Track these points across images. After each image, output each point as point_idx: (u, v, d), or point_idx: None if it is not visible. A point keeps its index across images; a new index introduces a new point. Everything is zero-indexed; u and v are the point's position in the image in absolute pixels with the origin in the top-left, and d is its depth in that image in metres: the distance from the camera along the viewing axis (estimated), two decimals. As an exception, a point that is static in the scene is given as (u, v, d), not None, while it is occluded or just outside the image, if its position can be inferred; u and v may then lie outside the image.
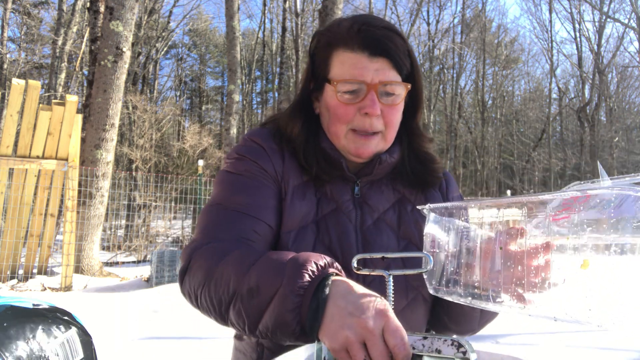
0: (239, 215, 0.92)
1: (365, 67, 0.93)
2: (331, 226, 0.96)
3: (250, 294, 0.72)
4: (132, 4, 7.10)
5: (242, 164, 0.98)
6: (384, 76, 0.94)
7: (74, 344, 0.75)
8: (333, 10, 7.45)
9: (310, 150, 0.99)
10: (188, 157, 14.89)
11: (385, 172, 1.02)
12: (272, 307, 0.69)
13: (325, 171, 0.98)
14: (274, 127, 1.05)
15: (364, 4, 22.95)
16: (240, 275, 0.75)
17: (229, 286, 0.75)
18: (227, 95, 13.55)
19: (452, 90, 25.69)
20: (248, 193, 0.94)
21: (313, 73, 1.03)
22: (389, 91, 0.95)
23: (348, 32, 0.95)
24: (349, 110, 0.95)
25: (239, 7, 12.01)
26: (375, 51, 0.94)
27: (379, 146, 0.98)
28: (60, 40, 16.04)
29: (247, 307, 0.73)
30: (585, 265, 0.55)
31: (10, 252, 5.96)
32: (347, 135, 0.97)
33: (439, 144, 26.93)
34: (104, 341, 3.52)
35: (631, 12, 20.42)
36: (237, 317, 0.74)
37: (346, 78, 0.94)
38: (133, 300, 5.03)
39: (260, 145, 1.00)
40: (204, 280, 0.80)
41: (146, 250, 9.55)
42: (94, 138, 6.85)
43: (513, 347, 3.61)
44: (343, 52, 0.96)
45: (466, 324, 1.02)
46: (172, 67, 29.15)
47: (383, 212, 1.01)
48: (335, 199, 0.99)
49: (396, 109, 0.97)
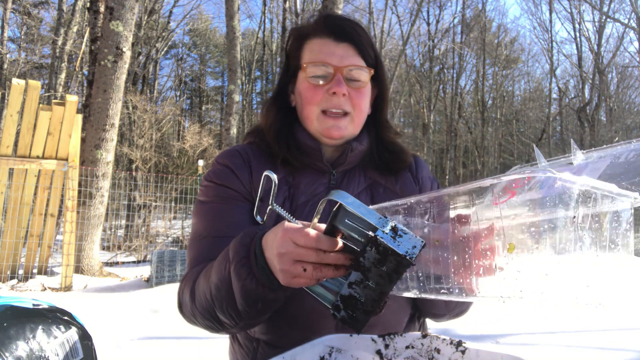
0: (215, 240, 1.01)
1: (332, 51, 1.03)
2: (304, 216, 1.03)
3: (217, 289, 0.85)
4: (132, 4, 7.10)
5: (211, 190, 1.07)
6: (350, 60, 1.03)
7: (74, 344, 0.75)
8: (333, 10, 7.45)
9: (282, 137, 1.08)
10: (188, 157, 14.88)
11: (357, 159, 1.11)
12: (235, 287, 0.80)
13: (295, 157, 1.06)
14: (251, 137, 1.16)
15: (364, 4, 22.95)
16: (207, 283, 0.88)
17: (205, 297, 0.88)
18: (227, 95, 13.55)
19: (452, 90, 25.68)
20: (219, 218, 1.04)
21: (288, 67, 1.12)
22: (355, 76, 1.03)
23: (315, 23, 1.06)
24: (318, 91, 1.03)
25: (239, 7, 12.01)
26: (340, 36, 1.03)
27: (348, 128, 1.05)
28: (60, 40, 16.03)
29: (221, 301, 0.84)
30: (511, 249, 0.56)
31: (10, 252, 5.96)
32: (319, 117, 1.05)
33: (439, 144, 26.94)
34: (104, 341, 3.52)
35: (631, 12, 20.41)
36: (224, 315, 0.86)
37: (314, 60, 1.03)
38: (133, 300, 5.03)
39: (226, 165, 1.08)
40: (191, 305, 0.93)
41: (146, 250, 9.55)
42: (94, 138, 6.85)
43: (513, 347, 3.61)
44: (311, 40, 1.06)
45: (433, 309, 1.07)
46: (172, 67, 29.18)
47: (356, 195, 1.08)
48: (308, 191, 1.06)
49: (362, 92, 1.05)
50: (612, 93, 25.18)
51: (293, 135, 1.08)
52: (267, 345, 1.02)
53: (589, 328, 4.11)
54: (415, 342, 0.74)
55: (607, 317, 4.41)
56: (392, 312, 1.03)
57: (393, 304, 1.02)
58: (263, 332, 1.02)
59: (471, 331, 3.82)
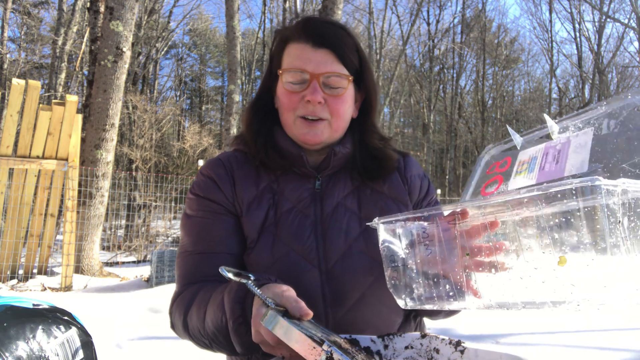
0: (202, 257, 1.03)
1: (309, 57, 1.00)
2: (288, 224, 1.02)
3: (214, 335, 0.88)
4: (132, 4, 7.10)
5: (195, 204, 1.08)
6: (327, 67, 1.00)
7: (74, 344, 0.75)
8: (333, 10, 7.45)
9: (261, 140, 1.07)
10: (188, 157, 14.87)
11: (341, 163, 1.09)
12: (235, 341, 0.83)
13: (273, 160, 1.06)
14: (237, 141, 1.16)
15: (364, 4, 22.95)
16: (201, 322, 0.91)
17: (200, 333, 0.92)
18: (227, 95, 13.55)
19: (452, 90, 25.68)
20: (204, 234, 1.05)
21: (271, 70, 1.11)
22: (332, 83, 1.01)
23: (296, 27, 1.04)
24: (294, 98, 1.02)
25: (239, 7, 12.01)
26: (318, 42, 1.01)
27: (325, 134, 1.04)
28: (60, 40, 16.02)
29: (219, 345, 0.89)
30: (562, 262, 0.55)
31: (10, 252, 5.96)
32: (296, 122, 1.03)
33: (439, 144, 26.93)
34: (104, 341, 3.52)
35: (631, 12, 20.40)
36: (222, 351, 0.92)
37: (291, 67, 1.01)
38: (133, 300, 5.02)
39: (209, 176, 1.08)
40: (184, 332, 0.99)
41: (146, 250, 9.55)
42: (94, 138, 6.85)
43: (513, 347, 3.61)
44: (291, 45, 1.04)
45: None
46: (172, 67, 29.17)
47: (342, 198, 1.07)
48: (293, 197, 1.05)
49: (341, 99, 1.02)
50: (612, 93, 25.17)
51: (272, 139, 1.07)
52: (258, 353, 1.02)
53: (589, 328, 4.11)
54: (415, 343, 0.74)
55: (607, 317, 4.41)
56: (383, 317, 1.02)
57: (383, 309, 1.01)
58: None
59: (471, 331, 3.82)
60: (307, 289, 0.96)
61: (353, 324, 0.98)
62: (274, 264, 0.99)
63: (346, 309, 0.98)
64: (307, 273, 0.98)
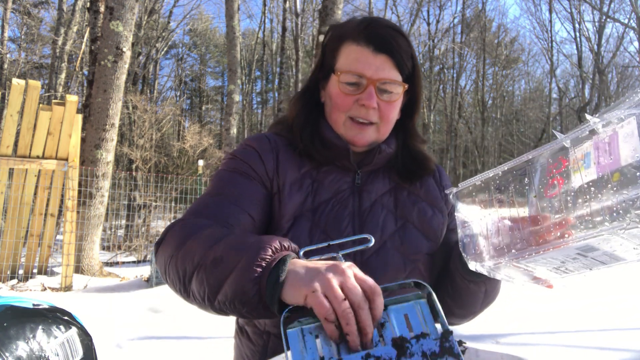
0: (225, 203, 0.98)
1: (368, 62, 1.00)
2: (326, 212, 1.02)
3: (213, 263, 0.75)
4: (132, 4, 7.10)
5: (233, 162, 1.06)
6: (385, 74, 1.01)
7: (74, 344, 0.75)
8: (333, 10, 7.45)
9: (307, 131, 1.07)
10: (188, 157, 14.86)
11: (383, 162, 1.10)
12: (233, 276, 0.72)
13: (318, 152, 1.06)
14: (278, 127, 1.15)
15: (364, 4, 22.95)
16: (207, 247, 0.78)
17: (194, 258, 0.79)
18: (227, 95, 13.55)
19: (452, 90, 25.69)
20: (236, 186, 1.01)
21: (322, 63, 1.10)
22: (387, 89, 1.02)
23: (357, 27, 1.03)
24: (348, 100, 1.02)
25: (239, 7, 12.01)
26: (379, 47, 1.01)
27: (372, 136, 1.05)
28: (60, 40, 16.02)
29: (209, 275, 0.75)
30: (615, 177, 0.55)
31: (10, 252, 5.96)
32: (345, 122, 1.04)
33: (439, 144, 26.93)
34: (104, 341, 3.52)
35: (631, 12, 20.41)
36: (199, 286, 0.76)
37: (349, 69, 1.01)
38: (133, 300, 5.02)
39: (253, 147, 1.07)
40: (173, 252, 0.84)
41: (146, 250, 9.54)
42: (94, 138, 6.85)
43: (513, 347, 3.62)
44: (350, 45, 1.03)
45: (470, 306, 1.07)
46: (172, 67, 29.19)
47: (380, 196, 1.08)
48: (332, 188, 1.05)
49: (393, 105, 1.04)
50: (612, 93, 25.18)
51: (318, 130, 1.07)
52: (277, 338, 1.01)
53: (589, 328, 4.11)
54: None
55: (607, 317, 4.42)
56: None
57: None
58: (276, 326, 1.02)
59: (471, 331, 3.82)
60: None
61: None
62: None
63: None
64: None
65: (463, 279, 1.00)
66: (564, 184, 0.62)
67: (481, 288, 1.01)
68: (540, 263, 0.70)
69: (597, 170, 0.56)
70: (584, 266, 0.68)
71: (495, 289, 1.04)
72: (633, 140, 0.54)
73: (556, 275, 0.73)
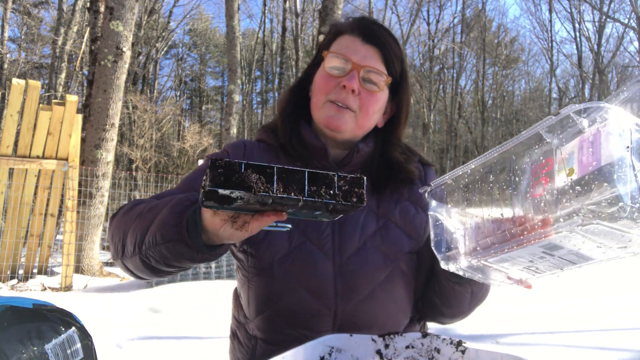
0: (177, 192, 1.00)
1: (356, 49, 1.03)
2: None
3: (140, 217, 0.85)
4: (132, 4, 7.10)
5: (204, 164, 1.11)
6: (370, 62, 1.03)
7: (74, 344, 0.75)
8: (333, 10, 7.44)
9: (290, 124, 1.09)
10: (188, 157, 14.88)
11: (362, 161, 1.10)
12: (157, 219, 0.80)
13: (295, 149, 1.07)
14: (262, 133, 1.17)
15: (364, 4, 22.95)
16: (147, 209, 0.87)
17: (133, 217, 0.88)
18: (227, 95, 13.55)
19: (452, 90, 25.70)
20: (198, 181, 1.03)
21: (316, 57, 1.13)
22: (371, 78, 1.03)
23: (352, 22, 1.08)
24: (331, 82, 1.03)
25: (239, 7, 12.01)
26: (368, 39, 1.04)
27: (349, 124, 1.03)
28: (60, 40, 16.03)
29: (136, 226, 0.84)
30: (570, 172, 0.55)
31: (10, 252, 5.96)
32: (325, 105, 1.04)
33: (439, 144, 26.94)
34: (104, 341, 3.52)
35: (631, 12, 20.41)
36: (131, 238, 0.85)
37: (336, 52, 1.04)
38: (133, 300, 5.02)
39: (227, 152, 1.11)
40: (117, 222, 0.93)
41: (146, 250, 9.53)
42: (94, 138, 6.85)
43: (513, 347, 3.62)
44: (343, 36, 1.07)
45: (457, 306, 1.06)
46: (172, 67, 29.21)
47: None
48: None
49: (374, 97, 1.04)
50: (612, 93, 25.17)
51: (297, 131, 1.08)
52: (264, 343, 1.03)
53: (589, 328, 4.11)
54: (415, 342, 0.74)
55: (607, 317, 4.42)
56: (391, 315, 1.03)
57: (392, 306, 1.03)
58: (260, 330, 1.03)
59: (471, 331, 3.82)
60: (319, 280, 0.99)
61: (361, 317, 1.00)
62: (290, 253, 1.00)
63: (356, 302, 1.00)
64: (321, 264, 1.00)
65: (448, 281, 1.00)
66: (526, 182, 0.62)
67: (467, 289, 1.01)
68: (509, 262, 0.69)
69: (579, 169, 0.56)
70: (554, 266, 0.67)
71: (482, 289, 1.03)
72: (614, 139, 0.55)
73: (528, 275, 0.72)
